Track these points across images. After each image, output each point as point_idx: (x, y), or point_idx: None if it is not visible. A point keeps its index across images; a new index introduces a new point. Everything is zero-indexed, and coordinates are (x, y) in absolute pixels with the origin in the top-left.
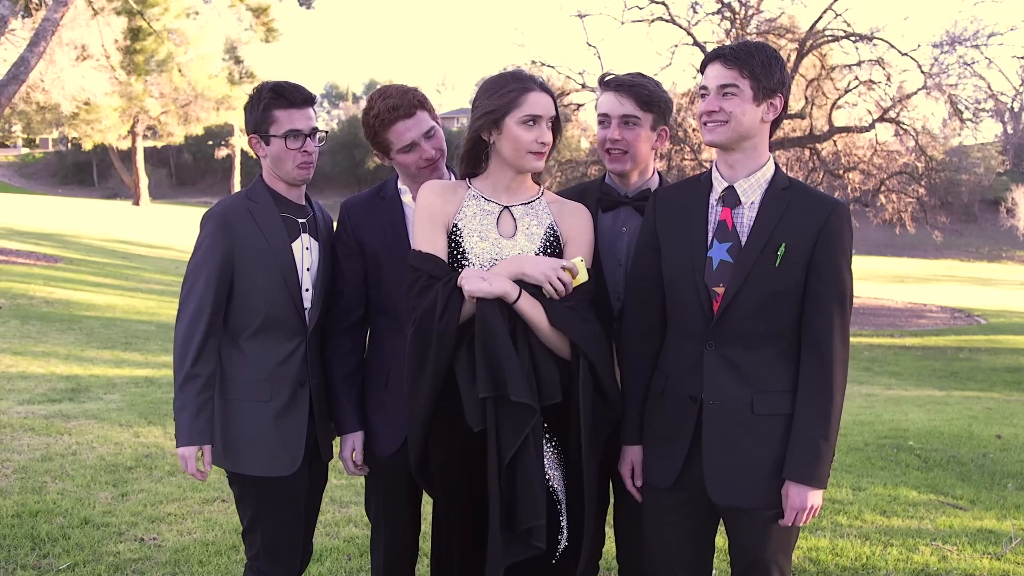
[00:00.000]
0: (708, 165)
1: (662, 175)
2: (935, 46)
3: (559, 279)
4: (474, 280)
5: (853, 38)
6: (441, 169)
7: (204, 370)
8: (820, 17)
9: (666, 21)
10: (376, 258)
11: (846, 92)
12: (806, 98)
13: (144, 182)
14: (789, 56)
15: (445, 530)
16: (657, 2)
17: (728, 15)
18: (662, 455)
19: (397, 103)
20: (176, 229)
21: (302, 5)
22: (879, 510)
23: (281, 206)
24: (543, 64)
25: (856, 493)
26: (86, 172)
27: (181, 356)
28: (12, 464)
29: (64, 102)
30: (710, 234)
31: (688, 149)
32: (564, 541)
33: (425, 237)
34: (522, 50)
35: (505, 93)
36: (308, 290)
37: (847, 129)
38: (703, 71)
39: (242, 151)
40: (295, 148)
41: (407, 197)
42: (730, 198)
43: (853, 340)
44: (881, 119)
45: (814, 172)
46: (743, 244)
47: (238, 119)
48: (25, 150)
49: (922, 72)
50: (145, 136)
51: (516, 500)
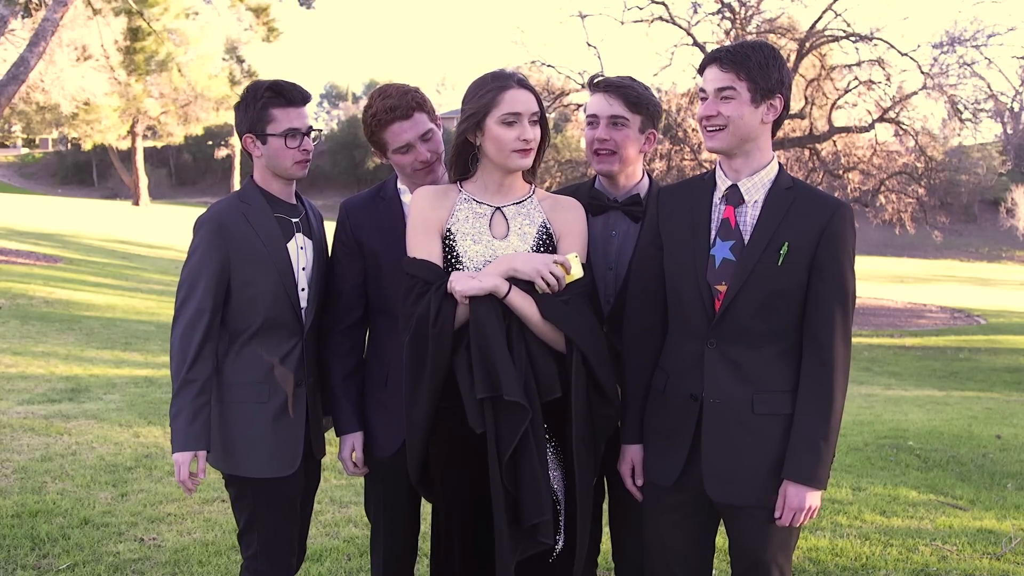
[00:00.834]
0: (708, 165)
1: (653, 178)
2: (935, 46)
3: (551, 273)
4: (463, 280)
5: (853, 38)
6: (437, 171)
7: (200, 375)
8: (820, 17)
9: (666, 21)
10: (376, 258)
11: (846, 92)
12: (806, 98)
13: (144, 182)
14: (789, 56)
15: (446, 532)
16: (657, 2)
17: (728, 15)
18: (663, 454)
19: (395, 104)
20: (176, 229)
21: (302, 5)
22: (879, 510)
23: (274, 207)
24: (543, 64)
25: (856, 493)
26: (86, 172)
27: (179, 361)
28: (12, 464)
29: (64, 102)
30: (712, 232)
31: (688, 149)
32: (561, 542)
33: (419, 243)
34: (522, 50)
35: (484, 94)
36: (304, 289)
37: (847, 129)
38: (701, 74)
39: (242, 151)
40: (294, 146)
41: (406, 197)
42: (733, 196)
43: (853, 340)
44: (881, 119)
45: (814, 172)
46: (746, 243)
47: (235, 117)
48: (25, 150)
49: (922, 72)
50: (145, 136)
51: (520, 498)
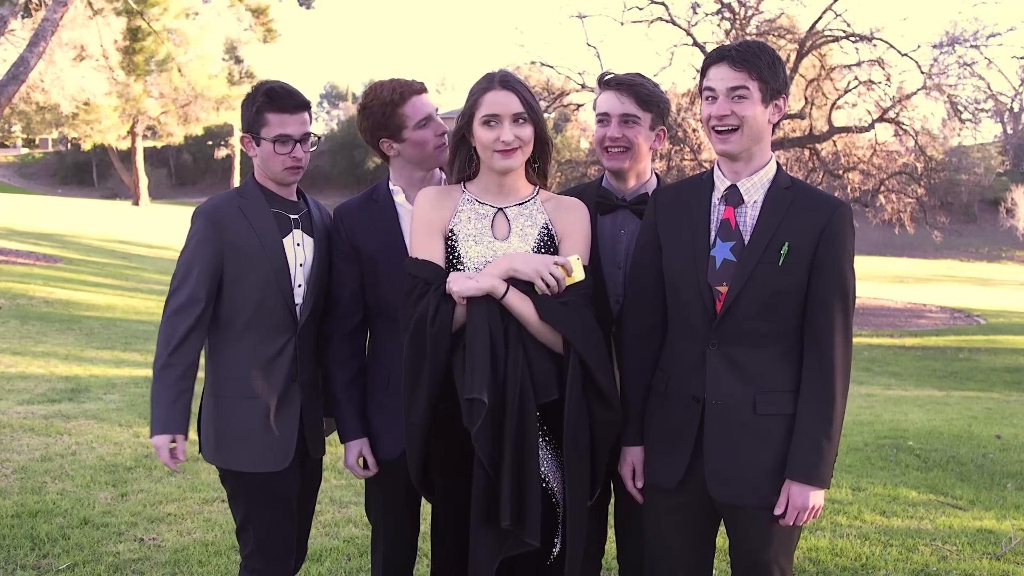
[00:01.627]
0: (708, 165)
1: (660, 177)
2: (935, 46)
3: (551, 274)
4: (461, 281)
5: (853, 38)
6: (443, 158)
7: (182, 361)
8: (820, 17)
9: (666, 21)
10: (373, 261)
11: (846, 92)
12: (806, 98)
13: (144, 182)
14: (789, 56)
15: (445, 533)
16: (657, 2)
17: (728, 15)
18: (665, 456)
19: (408, 81)
20: (176, 229)
21: (302, 5)
22: (879, 510)
23: (272, 202)
24: (543, 64)
25: (856, 493)
26: (86, 172)
27: (163, 346)
28: (12, 464)
29: (64, 102)
30: (712, 233)
31: (688, 149)
32: (560, 544)
33: (422, 244)
34: (522, 50)
35: (471, 95)
36: (300, 286)
37: (847, 129)
38: (705, 72)
39: (242, 151)
40: (283, 153)
41: (399, 197)
42: (733, 197)
43: (853, 340)
44: (881, 119)
45: (814, 172)
46: (746, 243)
47: (238, 119)
48: (25, 150)
49: (922, 72)
50: (145, 136)
51: (501, 498)
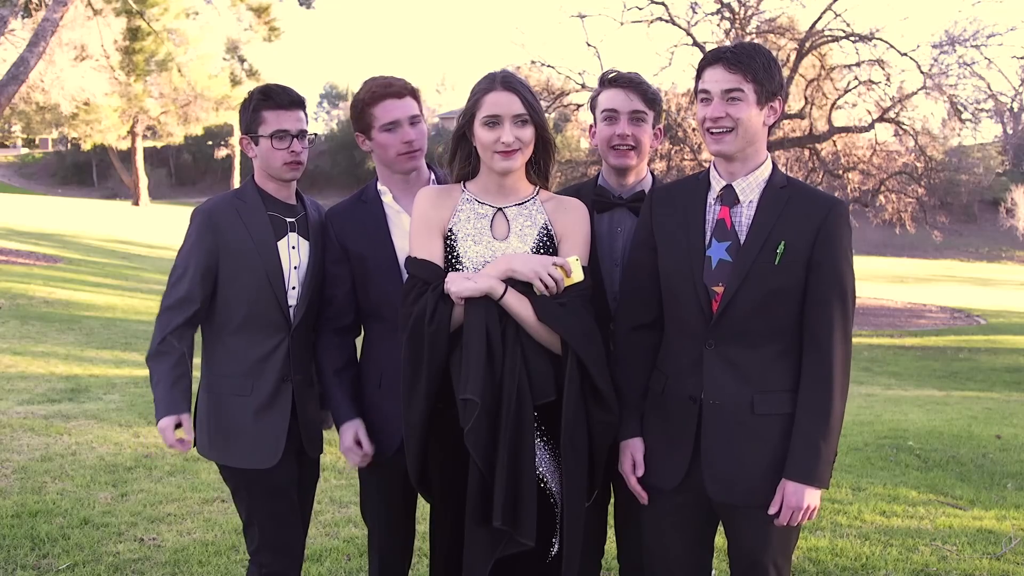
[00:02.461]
0: (708, 165)
1: (656, 176)
2: (935, 46)
3: (550, 275)
4: (459, 281)
5: (853, 38)
6: (420, 163)
7: (175, 349)
8: (820, 17)
9: (665, 21)
10: (363, 262)
11: (846, 92)
12: (806, 98)
13: (144, 182)
14: (789, 56)
15: (445, 533)
16: (656, 2)
17: (727, 15)
18: (665, 457)
19: (389, 83)
20: (176, 229)
21: (302, 5)
22: (879, 510)
23: (269, 205)
24: (543, 64)
25: (856, 493)
26: (86, 172)
27: (159, 336)
28: (12, 464)
29: (64, 102)
30: (708, 233)
31: (688, 149)
32: (558, 544)
33: (421, 244)
34: (522, 50)
35: (472, 96)
36: (294, 288)
37: (847, 129)
38: (701, 74)
39: (242, 152)
40: (281, 148)
41: (387, 198)
42: (728, 197)
43: (853, 340)
44: (881, 119)
45: (814, 172)
46: (742, 243)
47: (237, 119)
48: (25, 150)
49: (922, 72)
50: (145, 136)
51: (496, 498)
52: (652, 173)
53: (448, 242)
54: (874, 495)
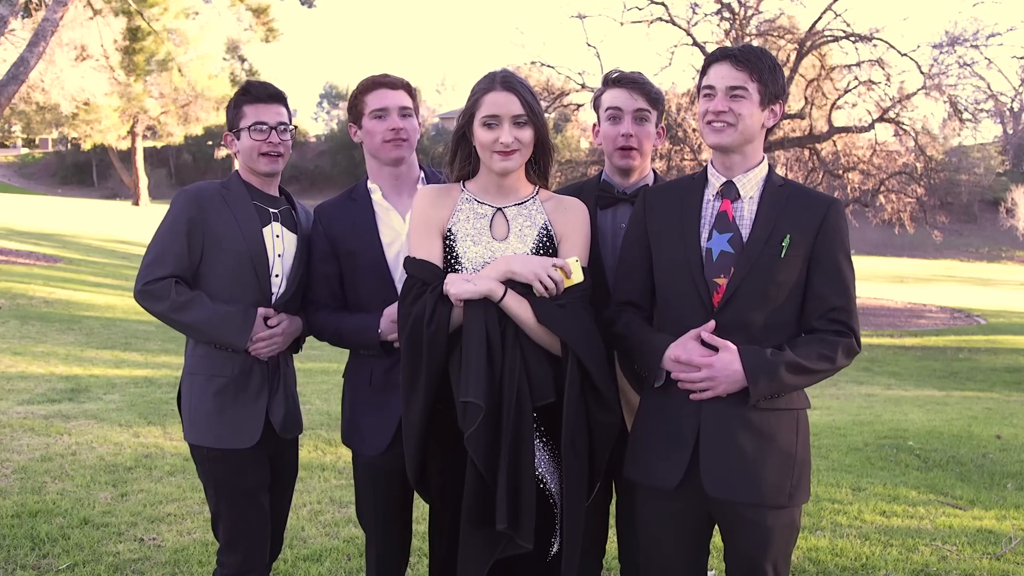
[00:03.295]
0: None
1: (657, 173)
2: (935, 46)
3: (550, 277)
4: (458, 284)
5: (853, 38)
6: (406, 154)
7: (187, 292)
8: (820, 17)
9: (665, 22)
10: (352, 259)
11: (846, 92)
12: (806, 98)
13: (144, 182)
14: (789, 56)
15: (444, 534)
16: (657, 2)
17: (727, 16)
18: (664, 457)
19: (386, 75)
20: None
21: (303, 4)
22: (879, 510)
23: (253, 194)
24: (543, 64)
25: (856, 493)
26: (86, 172)
27: (163, 311)
28: (12, 464)
29: (64, 102)
30: (706, 226)
31: (688, 149)
32: (558, 543)
33: (420, 244)
34: (522, 50)
35: (472, 96)
36: (277, 275)
37: (847, 129)
38: (706, 70)
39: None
40: (259, 139)
41: (377, 195)
42: (730, 191)
43: None
44: (881, 119)
45: (814, 172)
46: (748, 235)
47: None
48: (25, 150)
49: (922, 72)
50: (145, 136)
51: (497, 500)
52: (654, 171)
53: (447, 242)
54: (874, 495)
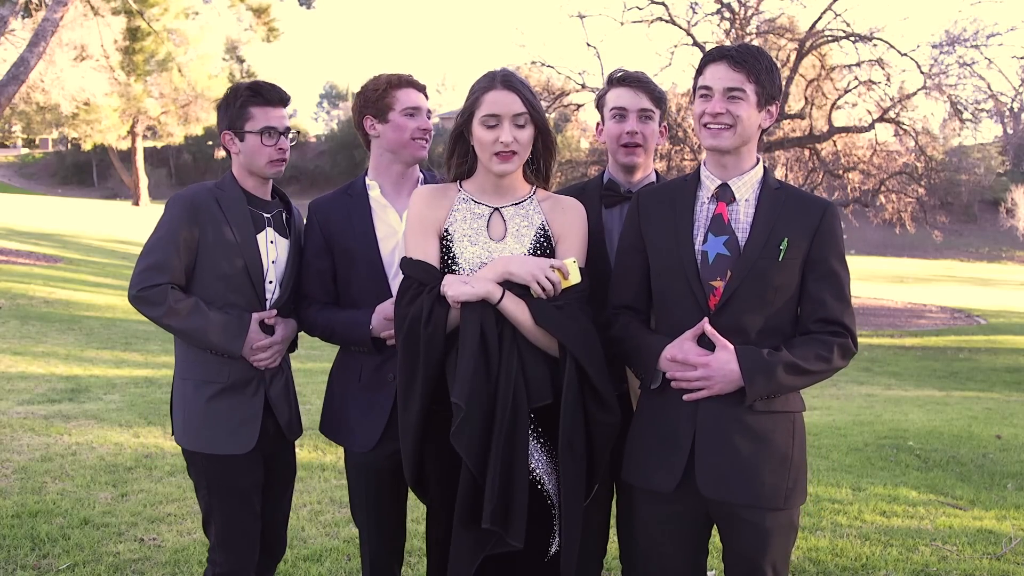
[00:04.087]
0: None
1: (659, 173)
2: (935, 46)
3: (547, 278)
4: (456, 286)
5: (853, 38)
6: (425, 155)
7: (183, 297)
8: (820, 17)
9: (665, 21)
10: (347, 255)
11: (846, 92)
12: (806, 98)
13: (144, 182)
14: (789, 56)
15: (441, 534)
16: (656, 2)
17: (727, 15)
18: (662, 460)
19: (408, 76)
20: None
21: (302, 5)
22: (879, 510)
23: (248, 199)
24: (543, 64)
25: (856, 493)
26: (86, 172)
27: (158, 315)
28: (12, 464)
29: (64, 102)
30: (700, 229)
31: (688, 149)
32: (556, 543)
33: (416, 244)
34: (522, 50)
35: (471, 94)
36: (271, 282)
37: (847, 129)
38: (703, 70)
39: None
40: (270, 145)
41: (375, 192)
42: (725, 194)
43: None
44: (881, 119)
45: (814, 172)
46: (745, 238)
47: (216, 116)
48: (25, 150)
49: (922, 72)
50: (145, 136)
51: (486, 499)
52: (656, 171)
53: (444, 242)
54: (874, 495)
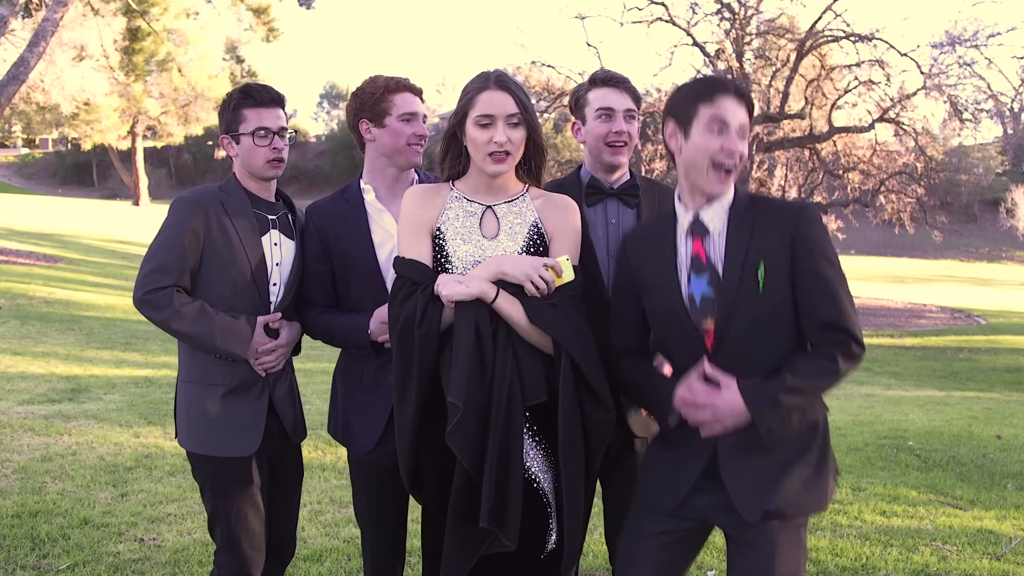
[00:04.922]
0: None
1: (633, 171)
2: (934, 46)
3: (541, 277)
4: (451, 285)
5: (853, 38)
6: (418, 162)
7: (187, 301)
8: (820, 17)
9: (665, 22)
10: (344, 258)
11: (846, 92)
12: (806, 98)
13: (144, 182)
14: (789, 56)
15: (441, 536)
16: (657, 3)
17: (727, 16)
18: (668, 479)
19: (405, 80)
20: None
21: (302, 5)
22: (879, 510)
23: (252, 201)
24: (543, 64)
25: (856, 493)
26: (86, 172)
27: (163, 303)
28: (12, 464)
29: (64, 102)
30: (683, 270)
31: None
32: (553, 542)
33: (409, 243)
34: (522, 50)
35: (465, 94)
36: (275, 284)
37: (847, 129)
38: (711, 100)
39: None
40: (263, 145)
41: (370, 196)
42: (698, 228)
43: None
44: (881, 119)
45: (814, 172)
46: (722, 275)
47: (218, 121)
48: (25, 150)
49: (922, 72)
50: (145, 136)
51: (483, 498)
52: (631, 170)
53: (437, 241)
54: (874, 495)
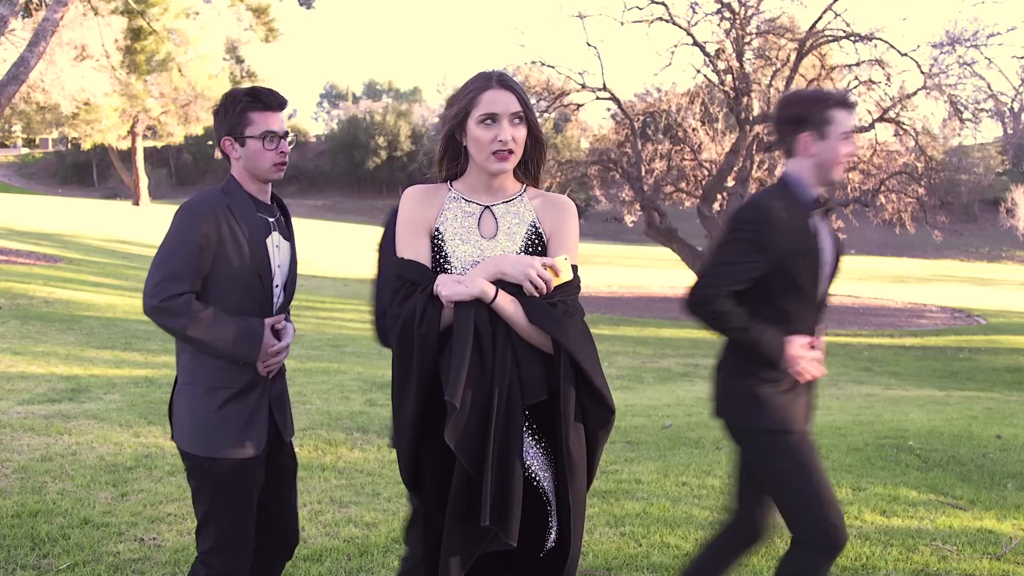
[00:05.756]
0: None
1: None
2: (935, 46)
3: (540, 277)
4: (450, 285)
5: (853, 38)
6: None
7: (200, 309)
8: (820, 17)
9: (665, 21)
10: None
11: (846, 92)
12: None
13: (144, 182)
14: (789, 56)
15: (441, 536)
16: (656, 2)
17: (728, 15)
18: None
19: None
20: None
21: (302, 5)
22: (879, 510)
23: (255, 204)
24: (543, 64)
25: (856, 493)
26: (86, 172)
27: (181, 310)
28: (12, 464)
29: (64, 102)
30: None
31: (688, 149)
32: (552, 541)
33: (407, 244)
34: (522, 50)
35: (466, 94)
36: (277, 286)
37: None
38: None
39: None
40: (271, 149)
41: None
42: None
43: (853, 340)
44: (881, 119)
45: None
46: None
47: (214, 121)
48: (25, 150)
49: (922, 72)
50: (145, 136)
51: (482, 497)
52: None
53: (435, 242)
54: (874, 495)
